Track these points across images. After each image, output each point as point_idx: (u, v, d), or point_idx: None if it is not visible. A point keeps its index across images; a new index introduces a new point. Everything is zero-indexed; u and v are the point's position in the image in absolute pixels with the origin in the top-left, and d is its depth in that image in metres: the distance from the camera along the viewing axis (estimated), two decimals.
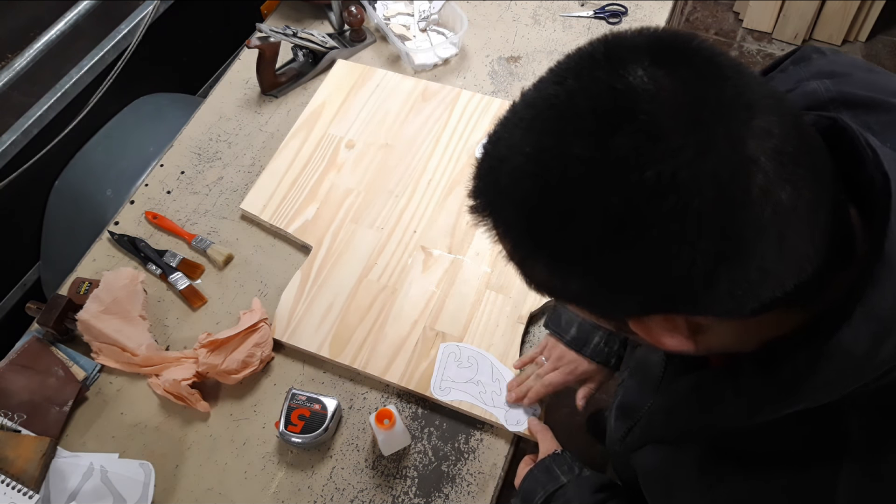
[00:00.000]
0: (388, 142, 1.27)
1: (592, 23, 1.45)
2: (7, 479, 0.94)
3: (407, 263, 1.14)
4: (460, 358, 1.05)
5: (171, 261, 1.18)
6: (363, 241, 1.16)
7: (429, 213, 1.19)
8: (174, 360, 1.06)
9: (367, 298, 1.11)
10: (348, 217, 1.19)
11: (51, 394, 1.04)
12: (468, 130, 1.28)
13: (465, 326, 1.08)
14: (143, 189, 1.29)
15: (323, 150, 1.27)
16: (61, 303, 1.08)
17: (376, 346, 1.06)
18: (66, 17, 1.48)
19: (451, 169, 1.24)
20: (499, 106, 1.31)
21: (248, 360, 1.03)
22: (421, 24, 1.45)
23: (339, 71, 1.38)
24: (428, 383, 1.02)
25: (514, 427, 0.99)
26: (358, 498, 0.97)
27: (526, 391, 0.99)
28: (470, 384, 1.02)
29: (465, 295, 1.11)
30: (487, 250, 1.15)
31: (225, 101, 1.40)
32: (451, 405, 1.01)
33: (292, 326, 1.08)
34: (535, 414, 1.00)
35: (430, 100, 1.32)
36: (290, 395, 0.99)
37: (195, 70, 1.96)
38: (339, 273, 1.13)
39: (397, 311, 1.09)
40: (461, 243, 1.16)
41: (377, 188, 1.22)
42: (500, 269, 1.13)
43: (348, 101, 1.33)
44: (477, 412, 1.00)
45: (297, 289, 1.11)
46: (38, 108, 1.47)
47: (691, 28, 2.75)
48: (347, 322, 1.08)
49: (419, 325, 1.08)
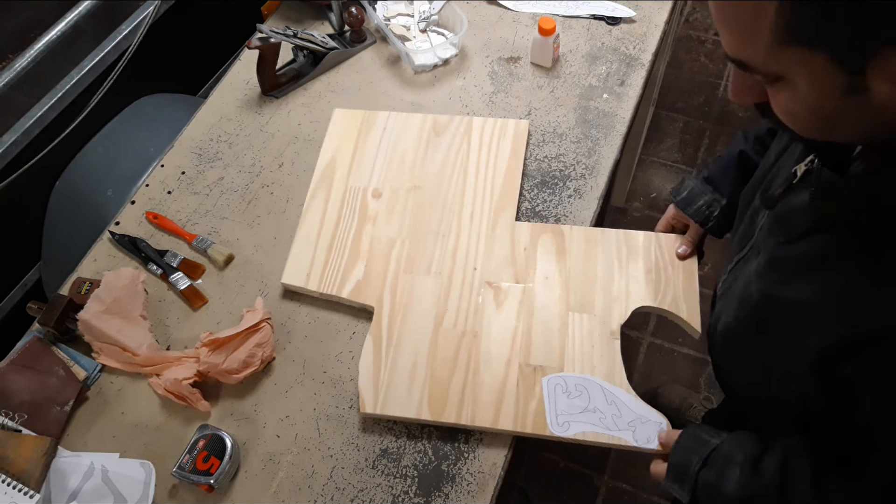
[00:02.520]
0: (415, 184, 1.22)
1: (592, 24, 1.46)
2: (8, 479, 0.94)
3: (478, 303, 1.09)
4: (568, 388, 1.00)
5: (172, 261, 1.18)
6: (424, 289, 1.10)
7: (482, 246, 1.14)
8: (175, 360, 1.06)
9: (449, 348, 1.05)
10: (400, 268, 1.13)
11: (51, 394, 1.04)
12: (493, 156, 1.25)
13: (559, 354, 1.03)
14: (143, 189, 1.29)
15: (350, 204, 1.20)
16: (62, 303, 1.08)
17: (477, 396, 1.00)
18: (66, 17, 1.49)
19: (489, 197, 1.20)
20: (514, 127, 1.28)
21: (249, 359, 1.03)
22: (421, 24, 1.45)
23: (339, 120, 1.32)
24: (543, 422, 0.98)
25: (645, 444, 0.96)
26: (358, 498, 0.97)
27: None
28: (587, 413, 0.98)
29: (548, 322, 1.06)
30: (555, 271, 1.12)
31: (225, 101, 1.40)
32: (576, 440, 0.97)
33: (381, 396, 1.01)
34: (661, 429, 0.97)
35: (443, 133, 1.28)
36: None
37: (196, 70, 1.97)
38: (411, 328, 1.07)
39: (486, 355, 1.04)
40: (526, 270, 1.12)
41: (420, 232, 1.17)
42: (575, 288, 1.10)
43: (359, 149, 1.27)
44: (604, 440, 0.96)
45: (372, 355, 1.05)
46: (39, 109, 1.47)
47: (691, 28, 2.75)
48: (438, 377, 1.02)
49: (513, 364, 1.03)
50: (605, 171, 1.25)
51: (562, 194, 1.23)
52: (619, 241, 1.15)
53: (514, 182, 1.22)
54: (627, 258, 1.13)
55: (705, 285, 1.10)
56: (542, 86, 1.37)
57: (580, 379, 1.01)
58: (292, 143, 1.33)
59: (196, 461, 0.95)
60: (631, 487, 1.85)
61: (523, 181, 1.25)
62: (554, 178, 1.25)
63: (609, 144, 1.28)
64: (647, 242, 1.14)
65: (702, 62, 2.67)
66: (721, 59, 2.66)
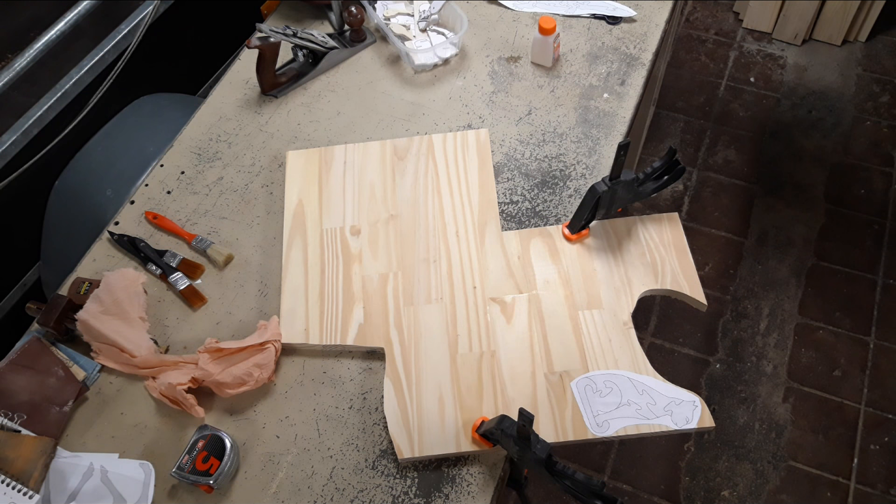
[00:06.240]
0: (390, 213, 1.20)
1: (592, 23, 1.46)
2: (7, 479, 0.94)
3: (487, 321, 1.08)
4: (598, 387, 1.01)
5: (171, 261, 1.18)
6: (430, 318, 1.08)
7: (475, 264, 1.13)
8: (172, 364, 1.06)
9: (471, 373, 1.03)
10: (400, 303, 1.10)
11: (51, 394, 1.04)
12: (462, 171, 1.23)
13: (580, 356, 1.04)
14: (143, 189, 1.29)
15: (330, 247, 1.17)
16: (61, 303, 1.08)
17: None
18: (66, 17, 1.49)
19: (470, 213, 1.19)
20: (475, 137, 1.27)
21: (244, 377, 1.02)
22: (421, 24, 1.45)
23: (295, 161, 1.27)
24: (582, 427, 0.98)
25: (685, 425, 0.97)
26: (358, 498, 0.97)
27: None
28: (622, 407, 0.99)
29: (561, 326, 1.06)
30: (554, 274, 1.12)
31: (225, 101, 1.40)
32: (618, 437, 0.97)
33: (415, 438, 0.98)
34: (696, 406, 0.98)
35: (405, 157, 1.26)
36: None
37: (195, 70, 1.96)
38: (427, 362, 1.05)
39: (509, 371, 1.03)
40: (525, 278, 1.11)
41: (410, 262, 1.14)
42: (577, 286, 1.10)
43: (325, 189, 1.23)
44: (645, 430, 0.97)
45: (395, 397, 1.02)
46: (38, 109, 1.47)
47: (691, 28, 2.75)
48: (467, 406, 1.01)
49: (538, 375, 1.02)
50: (605, 170, 1.25)
51: (562, 194, 1.23)
52: (606, 231, 1.16)
53: (490, 193, 1.21)
54: (619, 247, 1.14)
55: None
56: (543, 85, 1.37)
57: (607, 375, 1.02)
58: (292, 142, 1.33)
59: (195, 462, 0.95)
60: (631, 487, 1.85)
61: (523, 181, 1.25)
62: (554, 177, 1.25)
63: (609, 144, 1.28)
64: (632, 227, 1.16)
65: (702, 62, 2.66)
66: (721, 59, 2.65)
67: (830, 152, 2.41)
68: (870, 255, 2.19)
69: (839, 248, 2.21)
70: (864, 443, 1.88)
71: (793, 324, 2.07)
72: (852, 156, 2.40)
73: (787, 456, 1.87)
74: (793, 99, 2.54)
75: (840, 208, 2.29)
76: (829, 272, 2.16)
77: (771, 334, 2.06)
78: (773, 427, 1.92)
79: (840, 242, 2.22)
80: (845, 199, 2.31)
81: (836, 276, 2.16)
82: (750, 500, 1.82)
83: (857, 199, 2.30)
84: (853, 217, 2.27)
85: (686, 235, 1.16)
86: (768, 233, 2.25)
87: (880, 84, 2.56)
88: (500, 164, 1.27)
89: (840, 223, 2.26)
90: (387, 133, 1.33)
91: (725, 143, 2.45)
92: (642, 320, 2.03)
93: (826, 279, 2.15)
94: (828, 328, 2.07)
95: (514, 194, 1.23)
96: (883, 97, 2.52)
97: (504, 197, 1.23)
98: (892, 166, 2.36)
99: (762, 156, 2.42)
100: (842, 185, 2.34)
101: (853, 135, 2.44)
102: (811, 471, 1.85)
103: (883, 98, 2.52)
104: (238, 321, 1.12)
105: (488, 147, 1.27)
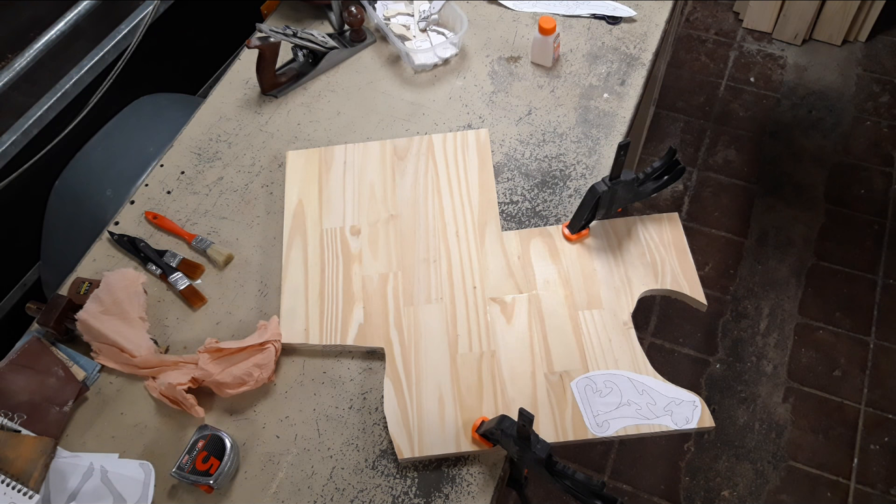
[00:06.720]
0: (390, 213, 1.20)
1: (592, 23, 1.46)
2: (7, 480, 0.94)
3: (487, 321, 1.08)
4: (598, 387, 1.01)
5: (171, 261, 1.18)
6: (430, 318, 1.08)
7: (475, 263, 1.13)
8: (172, 364, 1.06)
9: (471, 373, 1.03)
10: (399, 302, 1.10)
11: (51, 394, 1.04)
12: (462, 171, 1.23)
13: (580, 356, 1.04)
14: (143, 189, 1.29)
15: (330, 247, 1.17)
16: (61, 303, 1.08)
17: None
18: (66, 17, 1.49)
19: (470, 213, 1.18)
20: (475, 137, 1.27)
21: (244, 377, 1.02)
22: (421, 24, 1.45)
23: (295, 161, 1.27)
24: (582, 427, 0.98)
25: (685, 425, 0.97)
26: (358, 498, 0.97)
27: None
28: (622, 407, 0.99)
29: (561, 326, 1.06)
30: (554, 274, 1.12)
31: (225, 101, 1.40)
32: (618, 437, 0.97)
33: (415, 438, 0.98)
34: (696, 406, 0.98)
35: (406, 157, 1.26)
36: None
37: (195, 70, 1.96)
38: (427, 361, 1.05)
39: (509, 372, 1.03)
40: (525, 278, 1.11)
41: (410, 262, 1.14)
42: (577, 286, 1.10)
43: (325, 189, 1.23)
44: (645, 430, 0.97)
45: (395, 398, 1.02)
46: (38, 109, 1.47)
47: (691, 28, 2.75)
48: (467, 405, 1.01)
49: (538, 375, 1.02)
50: (605, 170, 1.25)
51: (562, 194, 1.23)
52: (606, 231, 1.16)
53: (491, 193, 1.21)
54: (619, 247, 1.14)
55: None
56: (543, 85, 1.37)
57: (607, 375, 1.02)
58: (292, 142, 1.33)
59: (195, 462, 0.95)
60: (631, 487, 1.85)
61: (523, 181, 1.25)
62: (554, 177, 1.25)
63: (609, 144, 1.28)
64: (632, 227, 1.16)
65: (702, 62, 2.66)
66: (721, 59, 2.65)
67: (830, 152, 2.41)
68: (870, 255, 2.19)
69: (839, 248, 2.21)
70: (864, 443, 1.88)
71: (793, 324, 2.07)
72: (852, 156, 2.40)
73: (787, 456, 1.87)
74: (793, 99, 2.54)
75: (840, 208, 2.29)
76: (829, 272, 2.17)
77: (771, 334, 2.06)
78: (773, 427, 1.92)
79: (840, 242, 2.22)
80: (845, 199, 2.31)
81: (836, 276, 2.16)
82: (750, 500, 1.82)
83: (857, 199, 2.30)
84: (853, 217, 2.27)
85: (686, 235, 1.16)
86: (768, 233, 2.25)
87: (880, 84, 2.56)
88: (500, 164, 1.27)
89: (840, 223, 2.26)
90: (387, 133, 1.33)
91: (725, 143, 2.45)
92: (642, 320, 2.03)
93: (826, 279, 2.15)
94: (828, 328, 2.07)
95: (514, 194, 1.24)
96: (883, 97, 2.52)
97: (504, 197, 1.23)
98: (892, 166, 2.36)
99: (762, 156, 2.42)
100: (842, 185, 2.34)
101: (853, 135, 2.44)
102: (811, 471, 1.85)
103: (883, 98, 2.52)
104: (238, 321, 1.12)
105: (488, 147, 1.27)
